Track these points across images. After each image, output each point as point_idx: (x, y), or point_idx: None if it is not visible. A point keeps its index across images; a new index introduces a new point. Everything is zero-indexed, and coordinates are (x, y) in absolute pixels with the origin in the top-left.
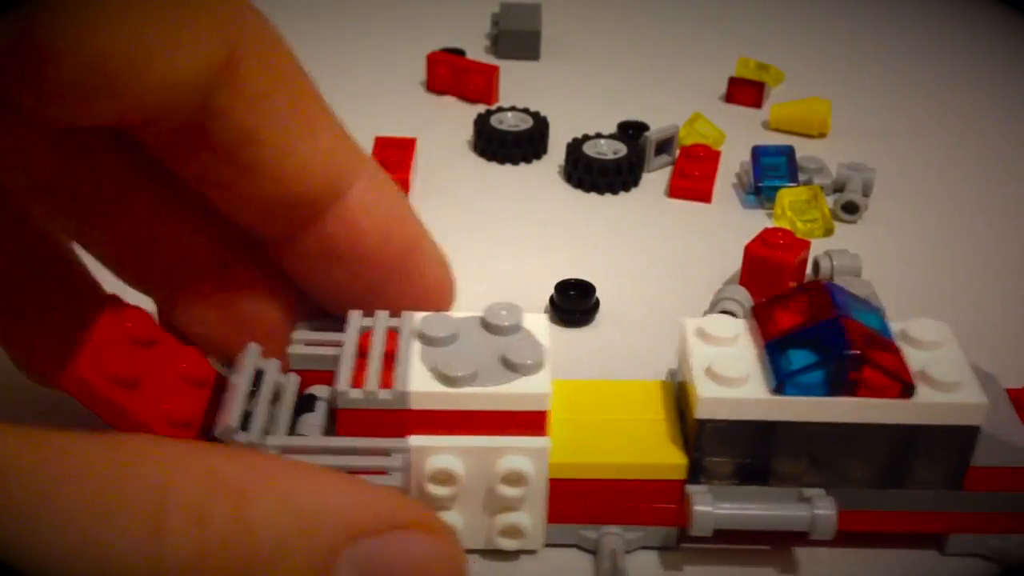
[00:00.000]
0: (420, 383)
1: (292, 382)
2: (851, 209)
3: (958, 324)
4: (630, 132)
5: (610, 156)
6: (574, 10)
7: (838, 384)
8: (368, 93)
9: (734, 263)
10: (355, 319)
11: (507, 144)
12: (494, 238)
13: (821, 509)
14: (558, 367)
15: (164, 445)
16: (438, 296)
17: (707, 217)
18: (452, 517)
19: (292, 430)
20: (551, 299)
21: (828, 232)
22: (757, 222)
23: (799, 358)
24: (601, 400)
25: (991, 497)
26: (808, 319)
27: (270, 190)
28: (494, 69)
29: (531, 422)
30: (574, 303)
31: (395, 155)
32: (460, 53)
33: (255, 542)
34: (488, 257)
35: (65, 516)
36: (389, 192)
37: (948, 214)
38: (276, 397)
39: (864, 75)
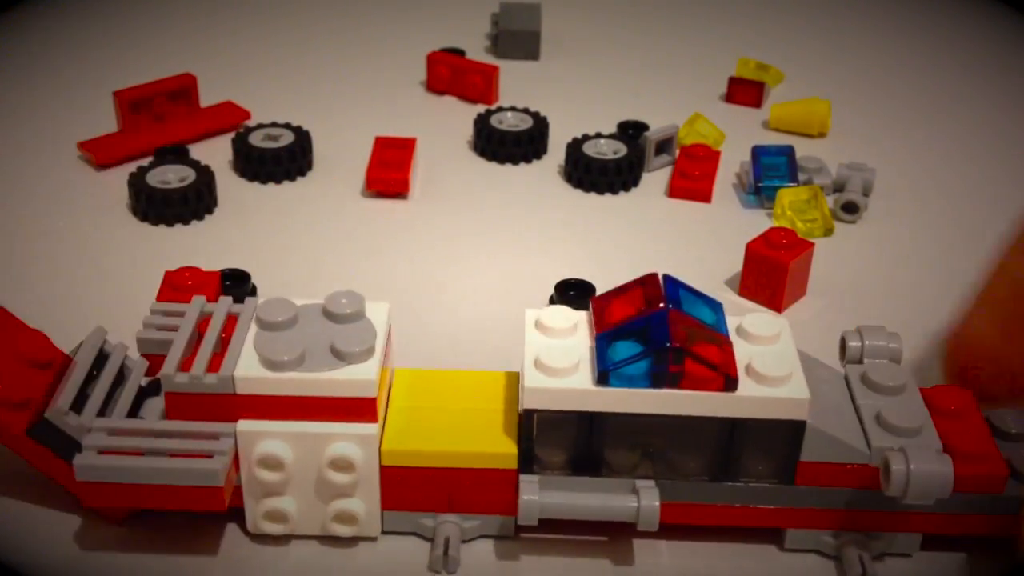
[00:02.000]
0: (246, 368)
1: (139, 366)
2: (851, 209)
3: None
4: (630, 132)
5: (610, 156)
6: (574, 10)
7: (661, 376)
8: (368, 93)
9: (734, 263)
10: (197, 303)
11: (507, 144)
12: (494, 238)
13: (645, 500)
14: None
15: None
16: None
17: (707, 217)
18: (286, 502)
19: (135, 413)
20: (551, 299)
21: (828, 232)
22: (757, 222)
23: (625, 350)
24: (444, 390)
25: (823, 492)
26: (637, 311)
27: None
28: (494, 69)
29: (359, 409)
30: (574, 303)
31: (395, 155)
32: (460, 53)
33: None
34: (488, 257)
35: None
36: None
37: (948, 214)
38: (119, 381)
39: (864, 75)
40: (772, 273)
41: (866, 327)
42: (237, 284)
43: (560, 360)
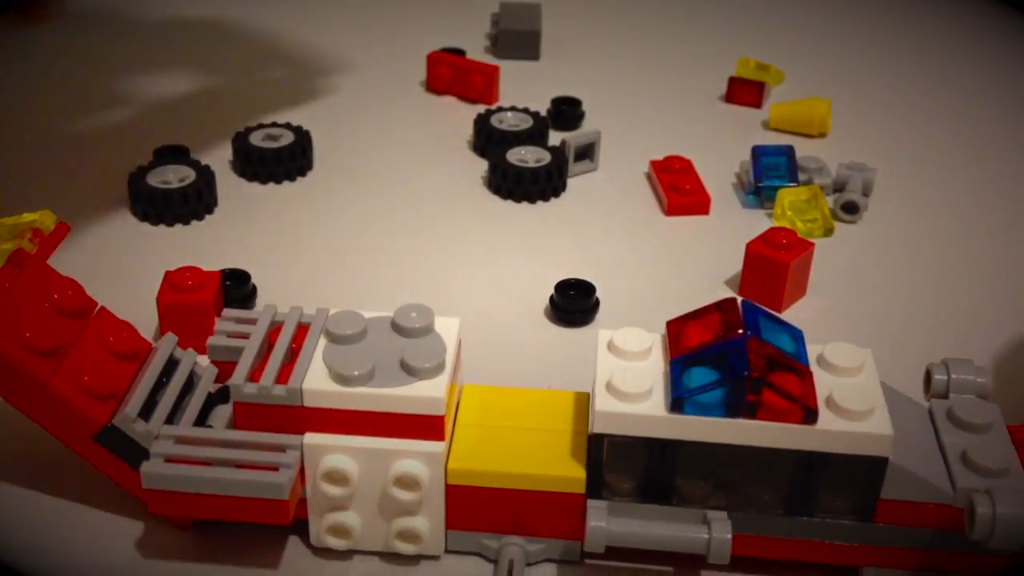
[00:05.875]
0: (315, 381)
1: (208, 373)
2: (851, 209)
3: (957, 324)
4: (562, 109)
5: (531, 164)
6: (574, 10)
7: (737, 406)
8: (368, 93)
9: (734, 263)
10: (268, 312)
11: (507, 144)
12: (495, 238)
13: (717, 532)
14: (558, 367)
15: None
16: None
17: (707, 217)
18: (350, 517)
19: (203, 420)
20: (551, 299)
21: (828, 232)
22: (757, 222)
23: (700, 376)
24: (512, 408)
25: (903, 531)
26: (715, 337)
27: None
28: (494, 69)
29: (427, 426)
30: (574, 303)
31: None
32: (460, 53)
33: None
34: (489, 257)
35: None
36: None
37: (948, 214)
38: (188, 388)
39: (864, 75)
40: (772, 273)
41: (952, 360)
42: (237, 284)
43: (633, 384)
